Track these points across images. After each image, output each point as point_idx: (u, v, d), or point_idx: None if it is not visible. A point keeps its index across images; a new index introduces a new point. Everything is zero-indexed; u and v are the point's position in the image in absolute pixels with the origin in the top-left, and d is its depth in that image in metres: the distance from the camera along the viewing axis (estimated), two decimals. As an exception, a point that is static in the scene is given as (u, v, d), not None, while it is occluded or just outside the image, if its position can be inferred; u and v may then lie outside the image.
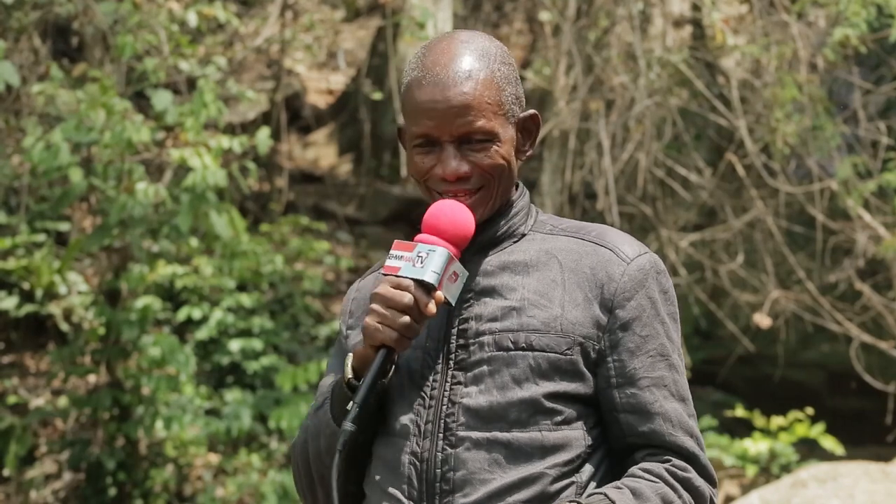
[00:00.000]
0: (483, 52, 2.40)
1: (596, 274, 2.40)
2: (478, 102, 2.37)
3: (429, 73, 2.39)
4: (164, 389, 8.47)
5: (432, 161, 2.40)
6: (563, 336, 2.37)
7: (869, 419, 10.29)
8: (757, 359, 10.62)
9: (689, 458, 2.38)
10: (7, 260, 9.11)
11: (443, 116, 2.36)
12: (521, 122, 2.45)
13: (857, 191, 9.24)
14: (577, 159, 10.05)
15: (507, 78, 2.41)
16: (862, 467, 7.87)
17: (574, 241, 2.45)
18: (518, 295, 2.39)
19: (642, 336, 2.39)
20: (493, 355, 2.37)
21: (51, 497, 9.20)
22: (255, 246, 9.34)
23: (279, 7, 11.72)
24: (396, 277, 2.34)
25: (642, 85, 9.51)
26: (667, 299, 2.43)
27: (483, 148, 2.38)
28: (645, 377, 2.38)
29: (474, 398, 2.36)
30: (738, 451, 9.51)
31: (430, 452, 2.37)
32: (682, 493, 2.35)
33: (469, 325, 2.40)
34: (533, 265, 2.42)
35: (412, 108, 2.39)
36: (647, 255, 2.43)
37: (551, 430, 2.35)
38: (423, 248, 2.35)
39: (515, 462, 2.34)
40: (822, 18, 9.90)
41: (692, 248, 10.11)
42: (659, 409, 2.38)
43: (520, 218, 2.47)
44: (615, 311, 2.38)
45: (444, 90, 2.37)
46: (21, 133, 8.61)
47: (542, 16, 10.85)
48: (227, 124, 9.73)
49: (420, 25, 9.86)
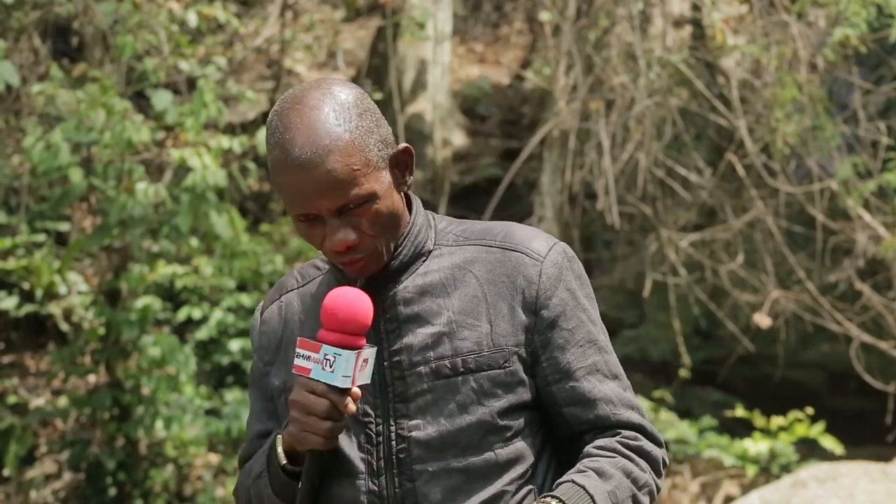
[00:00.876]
0: (337, 113, 2.32)
1: (514, 280, 2.42)
2: (345, 173, 2.30)
3: (289, 156, 2.31)
4: (164, 389, 8.47)
5: (320, 234, 2.37)
6: (499, 350, 2.40)
7: (869, 419, 10.28)
8: (757, 359, 10.61)
9: (635, 428, 2.45)
10: (7, 260, 9.11)
11: (314, 196, 2.31)
12: (393, 159, 2.39)
13: (857, 191, 9.24)
14: (577, 159, 10.05)
15: (368, 129, 2.34)
16: (862, 467, 7.87)
17: (483, 249, 2.45)
18: (444, 318, 2.40)
19: (569, 329, 2.43)
20: (433, 385, 2.38)
21: (51, 497, 9.20)
22: (255, 246, 9.34)
23: (279, 7, 11.73)
24: (309, 380, 2.33)
25: (642, 85, 9.51)
26: (582, 284, 2.49)
27: (363, 211, 2.34)
28: (579, 367, 2.43)
29: (423, 430, 2.38)
30: (738, 451, 9.51)
31: (389, 490, 2.39)
32: (637, 460, 2.42)
33: (402, 357, 2.40)
34: (450, 284, 2.42)
35: (283, 191, 2.35)
36: (556, 245, 2.48)
37: (503, 446, 2.39)
38: (329, 351, 2.32)
39: (474, 486, 2.37)
40: (822, 18, 9.90)
41: (692, 248, 10.11)
42: (599, 395, 2.43)
43: (423, 235, 2.45)
44: (540, 312, 2.42)
45: (309, 172, 2.30)
46: (21, 133, 8.61)
47: (542, 16, 10.86)
48: (227, 124, 9.73)
49: (420, 25, 9.87)
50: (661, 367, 11.10)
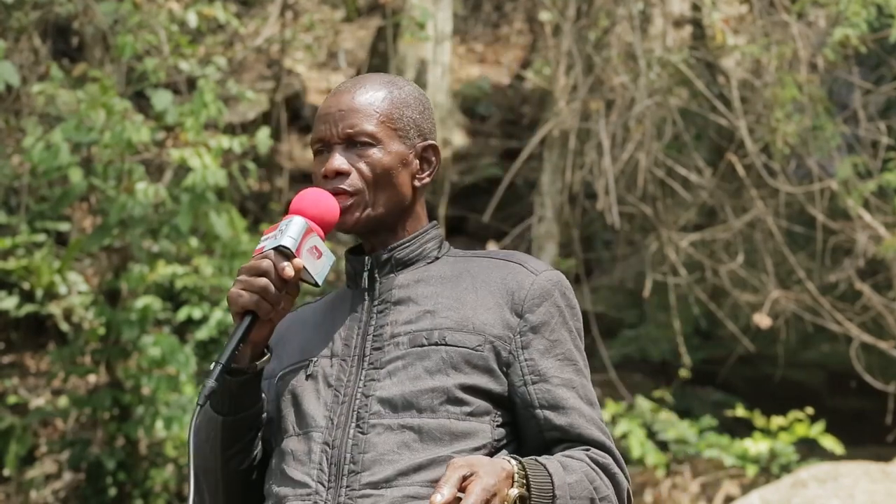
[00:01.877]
0: (390, 82, 2.60)
1: (506, 283, 2.53)
2: (365, 108, 2.54)
3: (334, 89, 2.60)
4: (164, 389, 8.47)
5: (322, 164, 2.55)
6: (475, 334, 2.47)
7: (869, 419, 10.29)
8: (757, 359, 10.61)
9: (604, 450, 2.48)
10: (7, 260, 9.11)
11: (333, 119, 2.55)
12: (421, 150, 2.59)
13: (857, 191, 9.24)
14: (577, 159, 10.05)
15: (406, 102, 2.58)
16: (862, 467, 7.87)
17: (485, 259, 2.59)
18: (432, 301, 2.52)
19: (551, 340, 2.50)
20: (407, 352, 2.47)
21: (51, 497, 9.20)
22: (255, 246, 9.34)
23: (279, 7, 11.72)
24: (262, 253, 2.46)
25: (642, 85, 9.51)
26: (573, 314, 2.56)
27: (365, 153, 2.53)
28: (556, 376, 2.49)
29: (387, 389, 2.45)
30: (738, 451, 9.51)
31: (342, 440, 2.44)
32: (602, 476, 2.44)
33: (384, 329, 2.51)
34: (446, 279, 2.55)
35: (315, 119, 2.60)
36: (555, 271, 2.58)
37: (459, 419, 2.44)
38: (284, 223, 2.47)
39: (424, 445, 2.41)
40: (822, 18, 9.90)
41: (692, 248, 10.11)
42: (573, 405, 2.48)
43: (433, 244, 2.61)
44: (525, 315, 2.50)
45: (339, 98, 2.56)
46: (21, 133, 8.61)
47: (542, 16, 10.86)
48: (227, 124, 9.73)
49: (420, 25, 9.86)
50: (661, 367, 11.10)
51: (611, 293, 11.45)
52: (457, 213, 11.43)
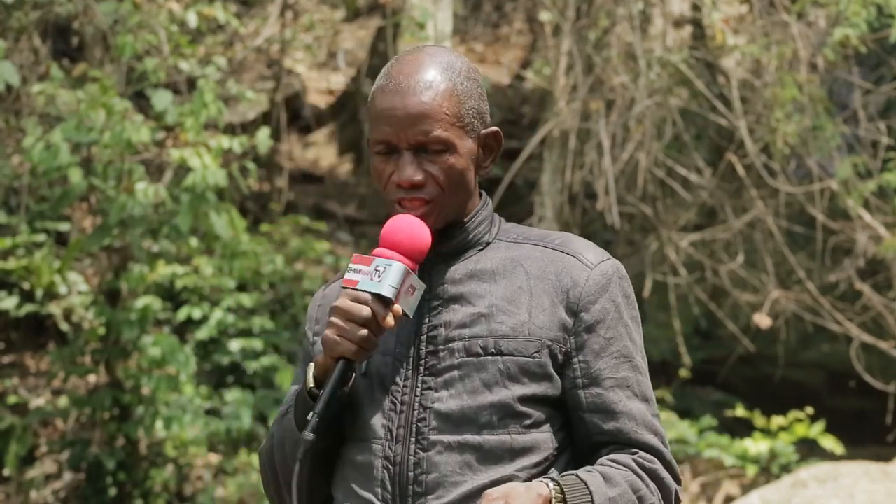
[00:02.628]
0: (448, 66, 2.46)
1: (561, 280, 2.45)
2: (435, 112, 2.41)
3: (392, 81, 2.44)
4: (164, 389, 8.47)
5: (391, 168, 2.44)
6: (532, 340, 2.41)
7: (869, 419, 10.29)
8: (757, 359, 10.62)
9: (655, 453, 2.43)
10: (7, 260, 9.11)
11: (400, 123, 2.41)
12: (483, 137, 2.50)
13: (857, 191, 9.24)
14: (577, 159, 10.05)
15: (470, 92, 2.46)
16: (862, 467, 7.87)
17: (538, 248, 2.50)
18: (486, 302, 2.44)
19: (606, 338, 2.44)
20: (463, 361, 2.41)
21: (51, 497, 9.20)
22: (255, 246, 9.34)
23: (279, 7, 11.72)
24: (355, 291, 2.38)
25: (642, 85, 9.50)
26: (629, 304, 2.49)
27: (439, 158, 2.43)
28: (609, 378, 2.43)
29: (445, 402, 2.40)
30: (739, 451, 9.51)
31: (403, 456, 2.40)
32: (648, 482, 2.40)
33: (438, 331, 2.44)
34: (500, 273, 2.47)
35: (374, 115, 2.45)
36: (610, 261, 2.49)
37: (521, 433, 2.39)
38: (381, 263, 2.39)
39: (486, 464, 2.37)
40: (822, 18, 9.90)
41: (692, 248, 10.11)
42: (623, 409, 2.43)
43: (484, 227, 2.52)
44: (580, 315, 2.43)
45: (404, 98, 2.41)
46: (21, 133, 8.61)
47: (542, 16, 10.85)
48: (227, 124, 9.72)
49: (420, 25, 9.86)
50: (661, 367, 11.10)
51: (611, 293, 11.43)
52: (457, 213, 11.38)
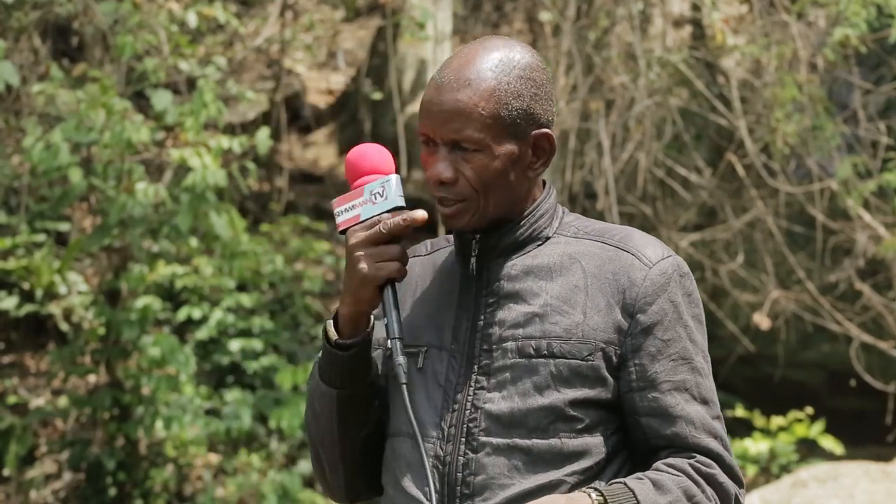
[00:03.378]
0: (501, 62, 2.38)
1: (618, 279, 2.39)
2: (469, 111, 2.35)
3: (440, 74, 2.40)
4: (164, 389, 8.47)
5: (430, 161, 2.41)
6: (585, 342, 2.37)
7: (869, 419, 10.29)
8: (757, 359, 10.61)
9: (713, 457, 2.39)
10: (7, 260, 9.11)
11: (436, 119, 2.37)
12: (534, 139, 2.41)
13: (857, 191, 9.24)
14: (577, 159, 10.05)
15: (518, 92, 2.38)
16: (862, 467, 7.87)
17: (598, 245, 2.45)
18: (541, 300, 2.40)
19: (664, 340, 2.38)
20: (516, 362, 2.37)
21: (51, 497, 9.20)
22: (255, 246, 9.34)
23: (279, 7, 11.72)
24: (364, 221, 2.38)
25: (642, 85, 9.51)
26: (690, 302, 2.42)
27: (473, 157, 2.37)
28: (666, 381, 2.38)
29: (496, 404, 2.37)
30: (738, 451, 9.51)
31: (453, 456, 2.37)
32: (705, 487, 2.35)
33: (493, 329, 2.40)
34: (556, 269, 2.42)
35: (420, 106, 2.42)
36: (671, 258, 2.43)
37: (571, 437, 2.36)
38: (374, 186, 2.38)
39: (534, 469, 2.35)
40: (822, 18, 9.90)
41: (692, 248, 10.11)
42: (681, 413, 2.38)
43: (544, 221, 2.48)
44: (636, 316, 2.38)
45: (442, 93, 2.37)
46: (21, 133, 8.61)
47: (542, 16, 10.85)
48: (227, 124, 9.72)
49: (420, 25, 9.86)
50: (661, 367, 11.08)
51: (611, 293, 11.44)
52: (457, 213, 11.37)
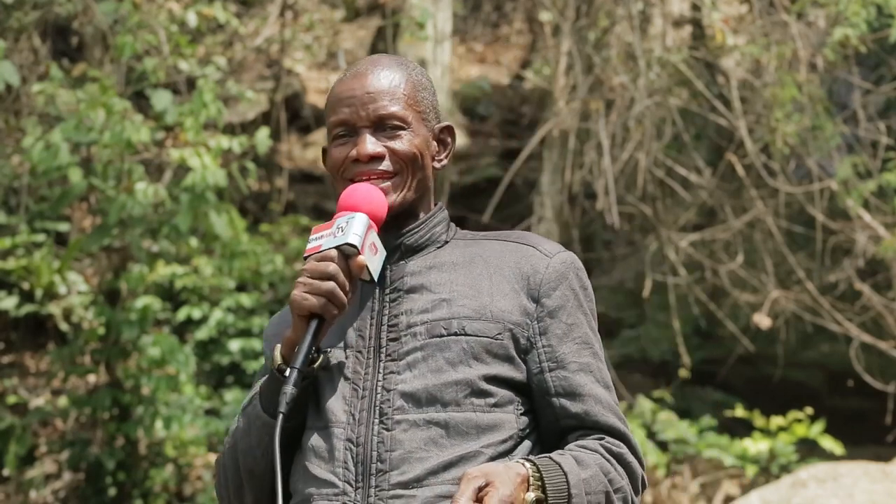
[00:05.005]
0: (402, 63, 2.58)
1: (521, 267, 2.50)
2: (392, 90, 2.52)
3: (350, 72, 2.57)
4: (163, 389, 8.47)
5: (349, 149, 2.50)
6: (494, 322, 2.45)
7: (869, 419, 10.29)
8: (757, 359, 10.61)
9: (620, 437, 2.48)
10: (7, 260, 9.11)
11: (360, 101, 2.51)
12: (438, 132, 2.57)
13: (857, 191, 9.24)
14: (577, 159, 10.05)
15: (424, 86, 2.56)
16: (862, 467, 7.87)
17: (497, 242, 2.56)
18: (447, 288, 2.48)
19: (568, 324, 2.49)
20: (426, 342, 2.44)
21: (51, 497, 9.20)
22: (255, 246, 9.34)
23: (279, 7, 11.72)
24: (319, 252, 2.42)
25: (642, 85, 9.50)
26: (587, 295, 2.54)
27: (397, 135, 2.50)
28: (573, 362, 2.48)
29: (409, 383, 2.42)
30: (738, 451, 9.51)
31: (367, 437, 2.41)
32: (616, 465, 2.44)
33: (399, 319, 2.47)
34: (459, 264, 2.52)
35: (333, 102, 2.54)
36: (568, 252, 2.56)
37: (485, 411, 2.42)
38: (342, 220, 2.43)
39: (451, 441, 2.39)
40: (822, 18, 9.90)
41: (692, 248, 10.11)
42: (589, 392, 2.47)
43: (441, 228, 2.59)
44: (542, 300, 2.48)
45: (362, 79, 2.53)
46: (21, 133, 8.61)
47: (542, 16, 10.85)
48: (226, 124, 9.73)
49: (420, 25, 9.86)
50: (661, 367, 11.10)
51: (611, 293, 11.45)
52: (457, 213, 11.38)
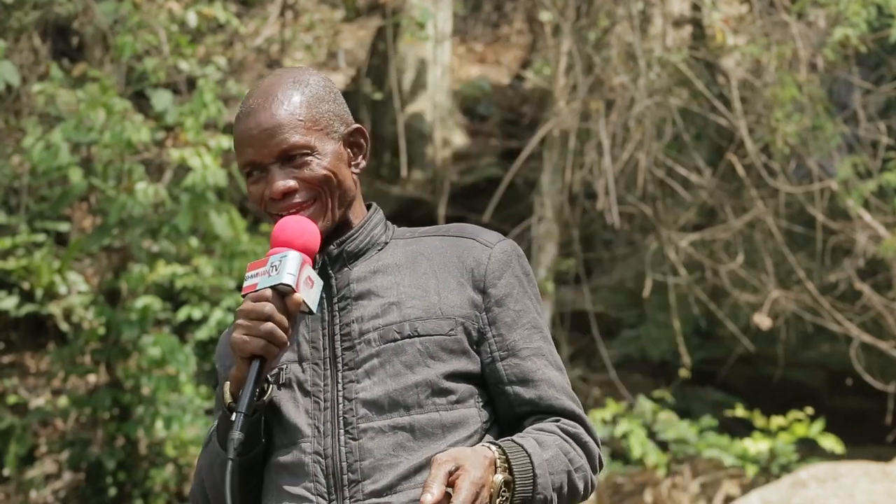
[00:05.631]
0: (295, 80, 2.53)
1: (464, 261, 2.52)
2: (288, 121, 2.48)
3: (245, 106, 2.52)
4: (164, 389, 8.47)
5: (263, 187, 2.50)
6: (445, 318, 2.47)
7: (869, 419, 10.29)
8: (757, 359, 10.62)
9: (574, 418, 2.50)
10: (7, 260, 9.11)
11: (259, 140, 2.48)
12: (347, 136, 2.57)
13: (857, 191, 9.24)
14: (577, 159, 10.05)
15: (321, 97, 2.53)
16: (862, 467, 7.87)
17: (436, 238, 2.57)
18: (395, 292, 2.49)
19: (516, 311, 2.51)
20: (381, 348, 2.45)
21: (51, 497, 9.20)
22: (255, 246, 9.34)
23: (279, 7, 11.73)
24: (255, 292, 2.41)
25: (642, 85, 9.51)
26: (530, 280, 2.57)
27: (304, 163, 2.48)
28: (525, 348, 2.50)
29: (370, 390, 2.43)
30: (738, 450, 9.51)
31: (334, 448, 2.42)
32: (574, 446, 2.46)
33: (351, 327, 2.48)
34: (402, 265, 2.53)
35: (236, 142, 2.52)
36: (507, 240, 2.58)
37: (448, 409, 2.44)
38: (275, 258, 2.42)
39: (419, 444, 2.41)
40: (822, 18, 9.90)
41: (692, 248, 10.11)
42: (542, 377, 2.50)
43: (379, 230, 2.58)
44: (488, 290, 2.50)
45: (256, 116, 2.49)
46: (21, 133, 8.61)
47: (542, 16, 10.85)
48: (227, 124, 9.73)
49: (420, 25, 9.87)
50: (661, 367, 11.10)
51: (611, 293, 11.45)
52: (457, 212, 11.42)
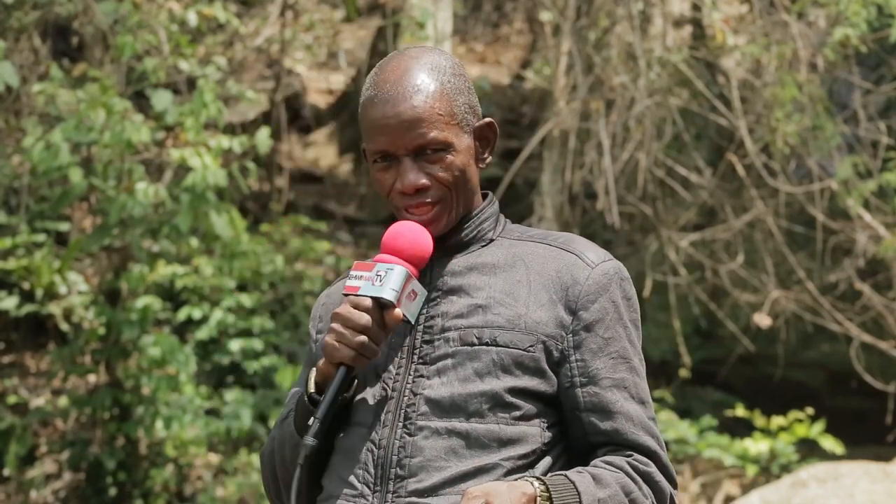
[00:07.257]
0: (433, 66, 2.46)
1: (561, 277, 2.44)
2: (428, 114, 2.42)
3: (380, 91, 2.45)
4: (164, 389, 8.47)
5: (392, 177, 2.45)
6: (527, 333, 2.40)
7: (869, 419, 10.29)
8: (757, 359, 10.62)
9: (650, 455, 2.42)
10: (7, 260, 9.11)
11: (395, 131, 2.42)
12: (478, 130, 2.50)
13: (857, 191, 9.24)
14: (577, 159, 10.05)
15: (459, 89, 2.46)
16: (862, 467, 7.87)
17: (541, 246, 2.50)
18: (484, 294, 2.44)
19: (605, 338, 2.43)
20: (457, 349, 2.41)
21: (51, 497, 9.20)
22: (255, 246, 9.34)
23: (279, 7, 11.72)
24: (356, 297, 2.39)
25: (642, 85, 9.50)
26: (629, 305, 2.47)
27: (439, 159, 2.43)
28: (607, 377, 2.42)
29: (436, 390, 2.40)
30: (738, 450, 9.51)
31: (389, 440, 2.40)
32: (642, 485, 2.38)
33: (435, 321, 2.44)
34: (500, 267, 2.47)
35: (367, 127, 2.45)
36: (612, 261, 2.48)
37: (509, 423, 2.38)
38: (382, 268, 2.40)
39: (471, 452, 2.37)
40: (822, 18, 9.90)
41: (692, 248, 10.11)
42: (620, 409, 2.41)
43: (488, 224, 2.52)
44: (579, 313, 2.42)
45: (395, 106, 2.42)
46: (21, 133, 8.61)
47: (542, 16, 10.85)
48: (227, 124, 9.72)
49: (420, 25, 9.86)
50: (661, 367, 11.10)
51: (611, 293, 11.43)
52: (457, 213, 11.40)
